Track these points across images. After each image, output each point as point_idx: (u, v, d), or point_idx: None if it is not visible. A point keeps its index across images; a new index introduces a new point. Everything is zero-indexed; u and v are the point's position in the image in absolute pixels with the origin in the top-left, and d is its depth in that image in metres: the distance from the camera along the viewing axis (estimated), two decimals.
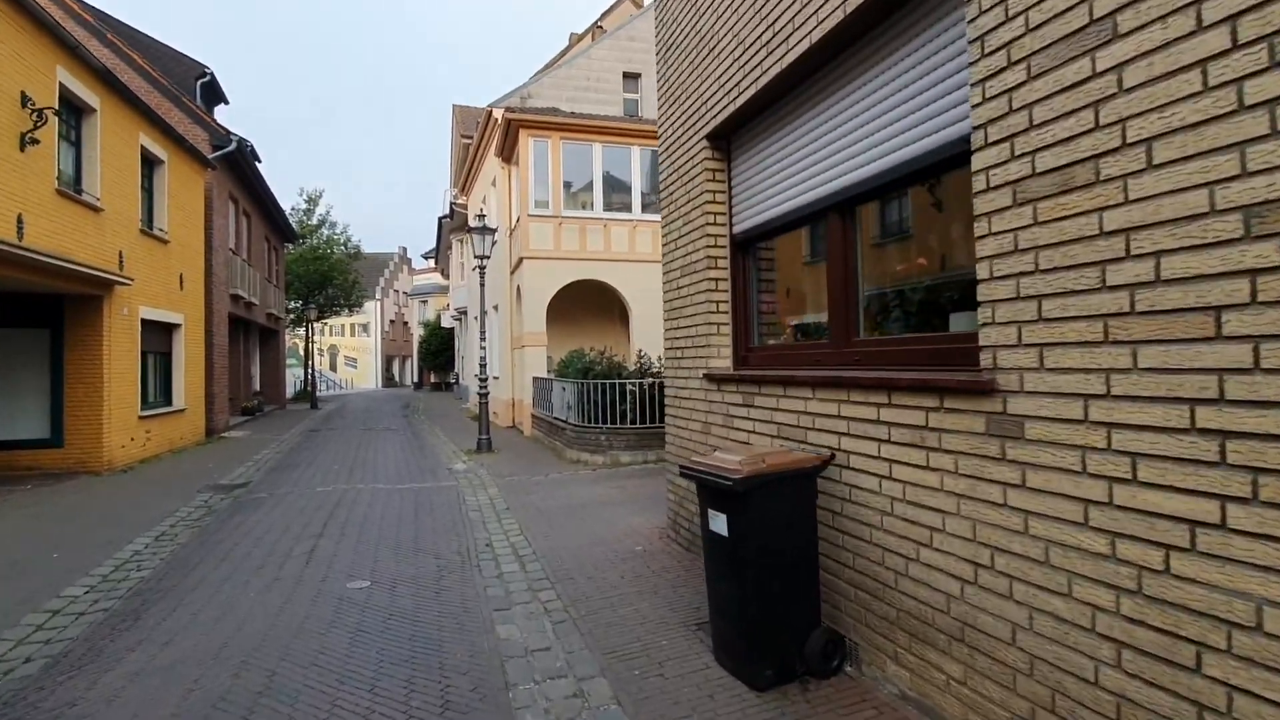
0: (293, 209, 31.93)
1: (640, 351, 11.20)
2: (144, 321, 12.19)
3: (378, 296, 50.87)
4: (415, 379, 44.25)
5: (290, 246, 31.62)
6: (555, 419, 12.40)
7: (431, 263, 42.20)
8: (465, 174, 22.93)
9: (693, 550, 5.52)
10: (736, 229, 5.14)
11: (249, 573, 5.51)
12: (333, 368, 55.96)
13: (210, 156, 15.79)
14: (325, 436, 16.04)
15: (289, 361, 46.77)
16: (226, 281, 17.37)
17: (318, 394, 38.89)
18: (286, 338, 48.06)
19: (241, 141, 17.34)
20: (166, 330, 13.50)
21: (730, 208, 5.21)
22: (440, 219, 28.23)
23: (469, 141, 23.37)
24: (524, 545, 6.16)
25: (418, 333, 44.36)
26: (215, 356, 16.16)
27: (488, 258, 12.81)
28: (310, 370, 28.46)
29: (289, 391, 35.83)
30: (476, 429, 16.56)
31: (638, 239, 15.49)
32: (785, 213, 4.48)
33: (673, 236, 5.87)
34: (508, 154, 16.45)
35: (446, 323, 37.31)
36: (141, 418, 11.96)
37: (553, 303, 15.10)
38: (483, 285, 12.95)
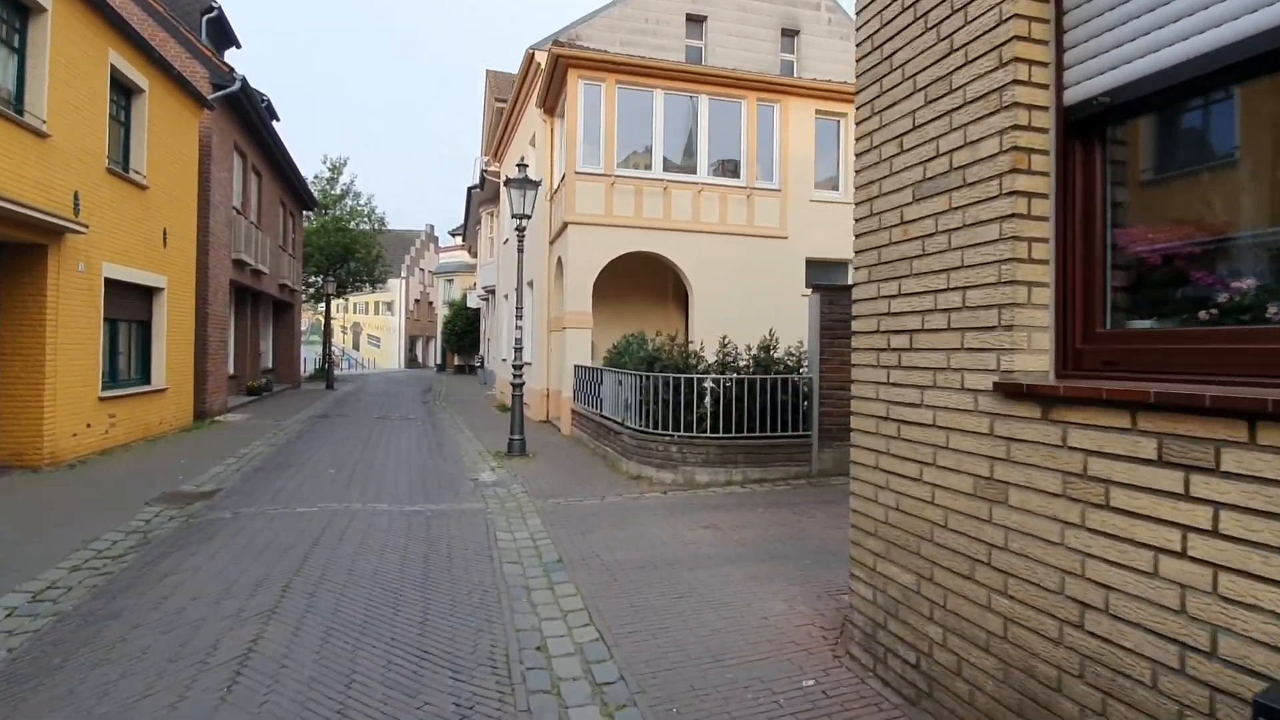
0: (315, 177, 29.82)
1: (724, 339, 8.62)
2: (110, 282, 9.84)
3: (403, 275, 48.74)
4: (438, 361, 42.06)
5: (310, 216, 29.47)
6: (605, 418, 9.87)
7: (459, 240, 39.84)
8: (499, 137, 20.40)
9: (921, 707, 2.94)
10: (1074, 90, 2.51)
11: None
12: (355, 346, 54.05)
13: (210, 96, 13.40)
14: (333, 425, 13.67)
15: (312, 338, 44.94)
16: (228, 244, 15.04)
17: (337, 373, 36.94)
18: (307, 314, 46.16)
19: (250, 86, 14.94)
20: (144, 294, 11.16)
21: (1059, 51, 2.57)
22: (469, 190, 25.79)
23: (503, 105, 20.83)
24: (599, 654, 3.63)
25: (442, 312, 42.12)
26: (210, 328, 13.85)
27: (528, 217, 10.28)
28: (328, 348, 26.27)
29: (307, 370, 33.86)
30: (505, 422, 14.13)
31: (703, 206, 12.85)
32: (1217, 43, 1.86)
33: (899, 123, 3.24)
34: (552, 103, 13.86)
35: (473, 302, 34.95)
36: (103, 399, 9.63)
37: (597, 280, 12.54)
38: (521, 251, 10.42)
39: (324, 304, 27.68)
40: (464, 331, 36.63)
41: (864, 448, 3.43)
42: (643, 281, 14.71)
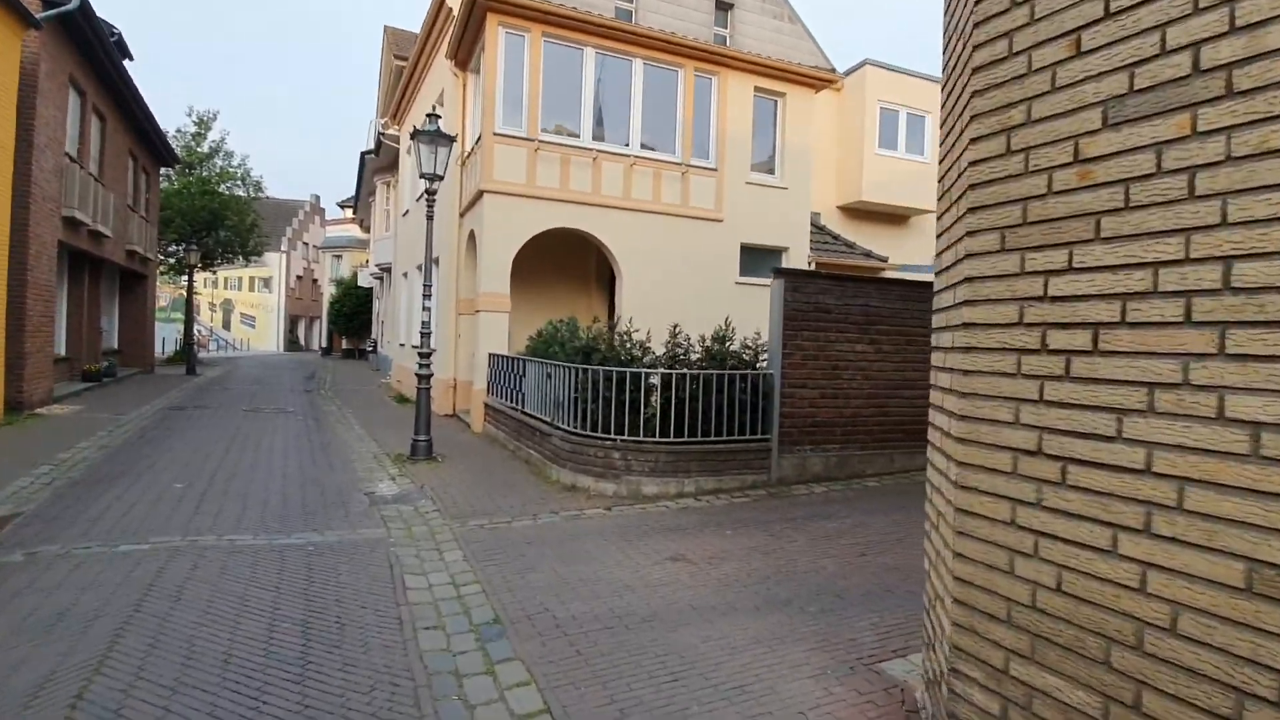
0: (178, 131, 25.96)
1: (676, 328, 7.44)
2: None
3: (283, 249, 44.22)
4: (324, 343, 38.45)
5: (172, 176, 25.67)
6: (530, 416, 8.47)
7: (349, 212, 36.39)
8: (399, 96, 18.19)
9: None
10: None
11: None
12: (226, 325, 48.70)
13: (39, 16, 10.64)
14: (189, 420, 11.38)
15: (173, 316, 39.85)
16: (57, 198, 12.21)
17: (204, 355, 32.80)
18: (167, 288, 40.88)
19: (92, 9, 12.13)
20: None
21: None
22: (363, 155, 23.16)
23: (403, 63, 18.61)
24: None
25: (329, 291, 38.48)
26: (29, 299, 11.12)
27: (439, 179, 8.64)
28: (190, 327, 22.89)
29: (164, 350, 29.73)
30: (404, 417, 12.36)
31: (635, 181, 11.61)
32: None
33: (1076, 10, 2.11)
34: (466, 55, 12.12)
35: (364, 281, 31.97)
36: None
37: (512, 261, 11.03)
38: (431, 218, 8.75)
39: (186, 276, 24.13)
40: (354, 313, 33.51)
41: (984, 491, 2.34)
42: (563, 264, 13.31)
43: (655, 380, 7.00)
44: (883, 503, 6.70)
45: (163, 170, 24.84)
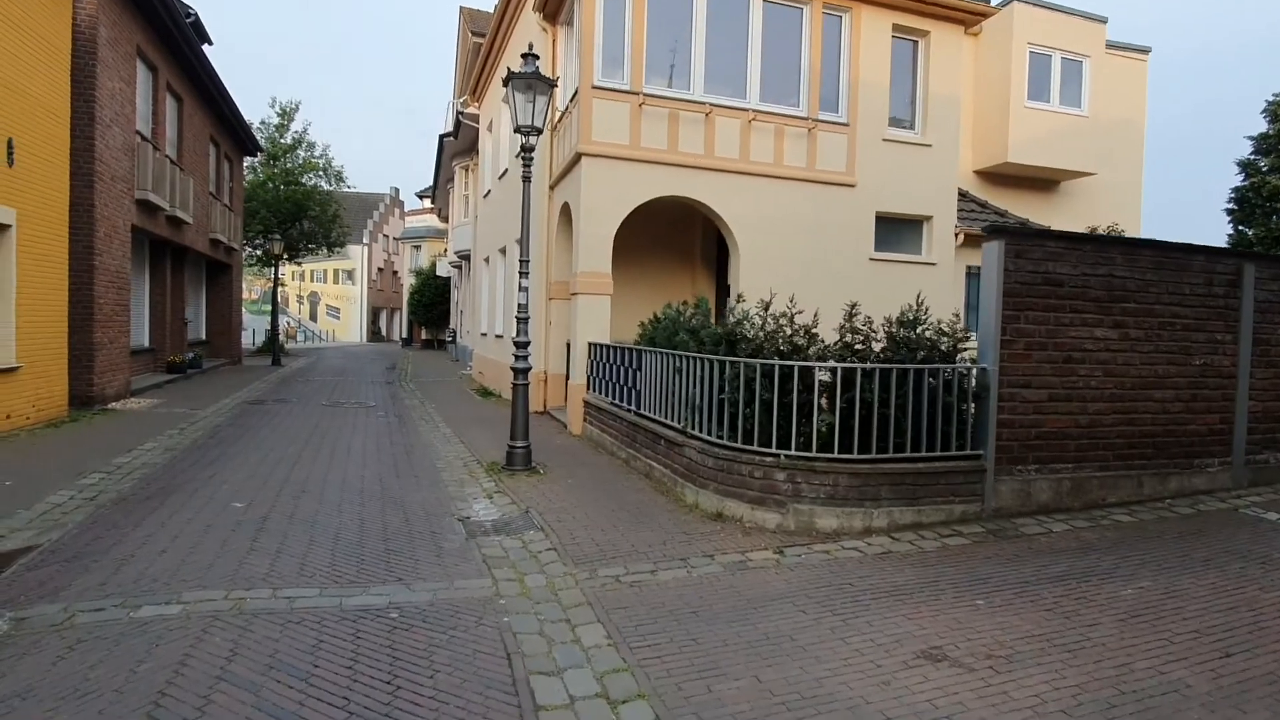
0: (261, 123, 25.59)
1: (853, 307, 5.57)
2: None
3: (365, 241, 44.41)
4: (404, 334, 38.27)
5: (256, 166, 25.42)
6: (649, 420, 6.83)
7: (427, 202, 35.88)
8: (479, 70, 16.87)
9: None
10: None
11: None
12: (313, 317, 49.57)
13: None
14: (266, 416, 10.33)
15: (263, 308, 40.55)
16: (129, 178, 11.40)
17: (291, 347, 32.96)
18: (258, 280, 41.66)
19: None
20: None
21: None
22: (441, 139, 22.10)
23: (480, 39, 17.30)
24: None
25: (408, 282, 38.22)
26: (100, 285, 10.29)
27: (538, 132, 7.06)
28: (274, 317, 22.51)
29: (255, 342, 29.88)
30: (491, 413, 10.99)
31: (753, 140, 9.77)
32: None
33: None
34: (556, 3, 10.53)
35: (443, 271, 31.30)
36: None
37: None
38: (528, 179, 7.18)
39: (272, 268, 23.81)
40: (433, 303, 32.96)
41: None
42: (662, 239, 11.62)
43: (827, 376, 5.20)
44: (1168, 551, 4.71)
45: (246, 162, 24.65)
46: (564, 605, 3.74)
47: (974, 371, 5.38)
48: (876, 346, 5.56)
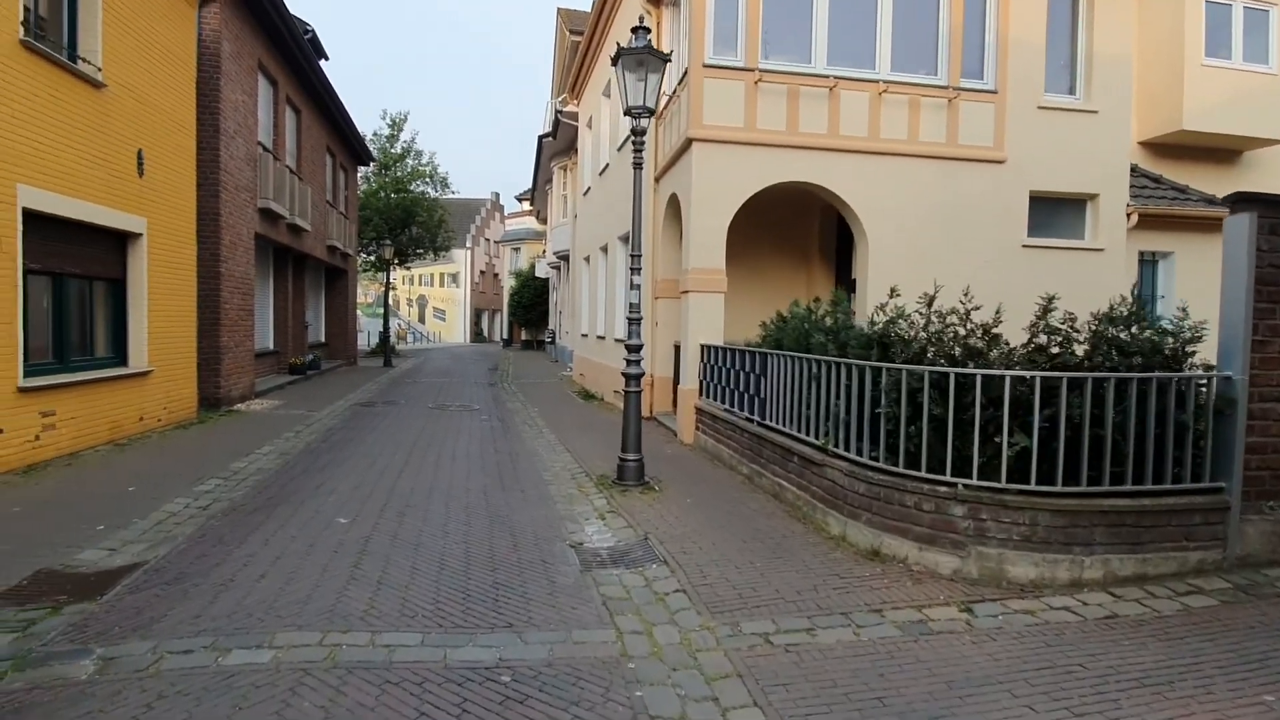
0: (374, 134, 26.62)
1: (1050, 299, 4.50)
2: (39, 218, 6.50)
3: (468, 245, 45.73)
4: (504, 335, 39.03)
5: (369, 175, 26.43)
6: (778, 433, 5.99)
7: (525, 205, 36.35)
8: (579, 65, 16.48)
9: None
10: None
11: None
12: (421, 319, 51.72)
13: None
14: (375, 419, 10.27)
15: (378, 311, 42.59)
16: (252, 188, 11.74)
17: (402, 347, 34.29)
18: (373, 285, 43.69)
19: None
20: (110, 241, 7.84)
21: None
22: (540, 139, 22.03)
23: (579, 38, 16.93)
24: None
25: (508, 284, 38.94)
26: (226, 291, 10.60)
27: (650, 113, 6.37)
28: (388, 321, 23.25)
29: (369, 343, 31.23)
30: (594, 417, 10.46)
31: (884, 115, 8.68)
32: None
33: None
34: None
35: (541, 272, 31.54)
36: (29, 390, 6.35)
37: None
38: (639, 166, 6.51)
39: (384, 272, 24.64)
40: (531, 304, 33.32)
41: None
42: (774, 231, 10.68)
43: (1006, 386, 4.17)
44: None
45: (360, 171, 25.66)
46: (707, 676, 3.00)
47: (1213, 381, 4.19)
48: (1078, 350, 4.46)
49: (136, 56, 7.92)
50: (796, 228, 10.88)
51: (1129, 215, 9.52)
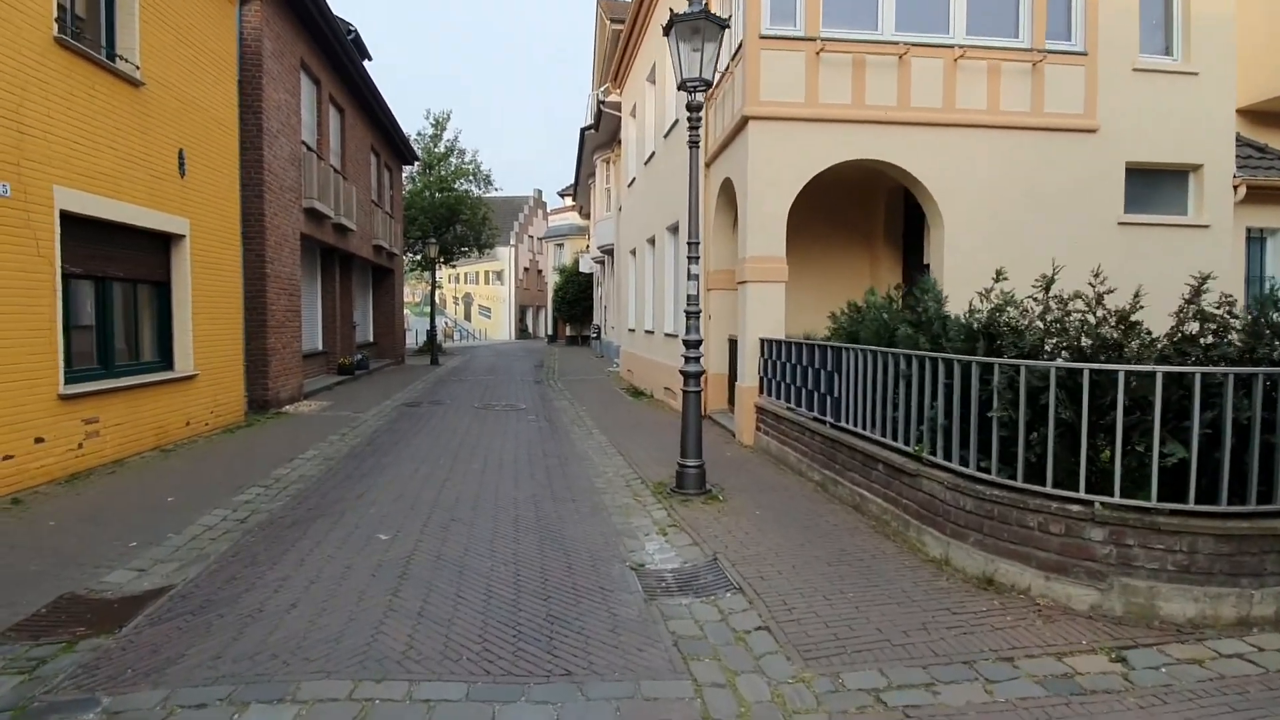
0: (418, 134, 26.61)
1: (1201, 282, 3.75)
2: (77, 220, 6.29)
3: (511, 242, 45.78)
4: (549, 331, 38.91)
5: (414, 175, 26.45)
6: (857, 436, 5.34)
7: (568, 200, 36.08)
8: (621, 52, 15.92)
9: None
10: None
11: None
12: (467, 317, 52.13)
13: None
14: (420, 422, 9.94)
15: (426, 310, 43.00)
16: (296, 188, 11.57)
17: (449, 345, 34.47)
18: (420, 285, 44.16)
19: None
20: (152, 243, 7.64)
21: None
22: (582, 131, 21.57)
23: (619, 26, 16.35)
24: None
25: (552, 280, 38.77)
26: (272, 292, 10.42)
27: (705, 86, 5.76)
28: (433, 318, 23.19)
29: (417, 341, 31.44)
30: (644, 415, 9.91)
31: (960, 83, 7.87)
32: None
33: None
34: None
35: (585, 267, 31.17)
36: (72, 397, 6.15)
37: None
38: (696, 145, 5.91)
39: (430, 271, 24.62)
40: (576, 299, 33.01)
41: None
42: (834, 216, 9.93)
43: (1158, 385, 3.44)
44: None
45: (405, 171, 25.67)
46: None
47: None
48: (1236, 340, 3.69)
49: (176, 55, 7.69)
50: (858, 211, 10.11)
51: (1235, 188, 8.46)
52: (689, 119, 5.86)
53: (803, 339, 6.67)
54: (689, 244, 5.90)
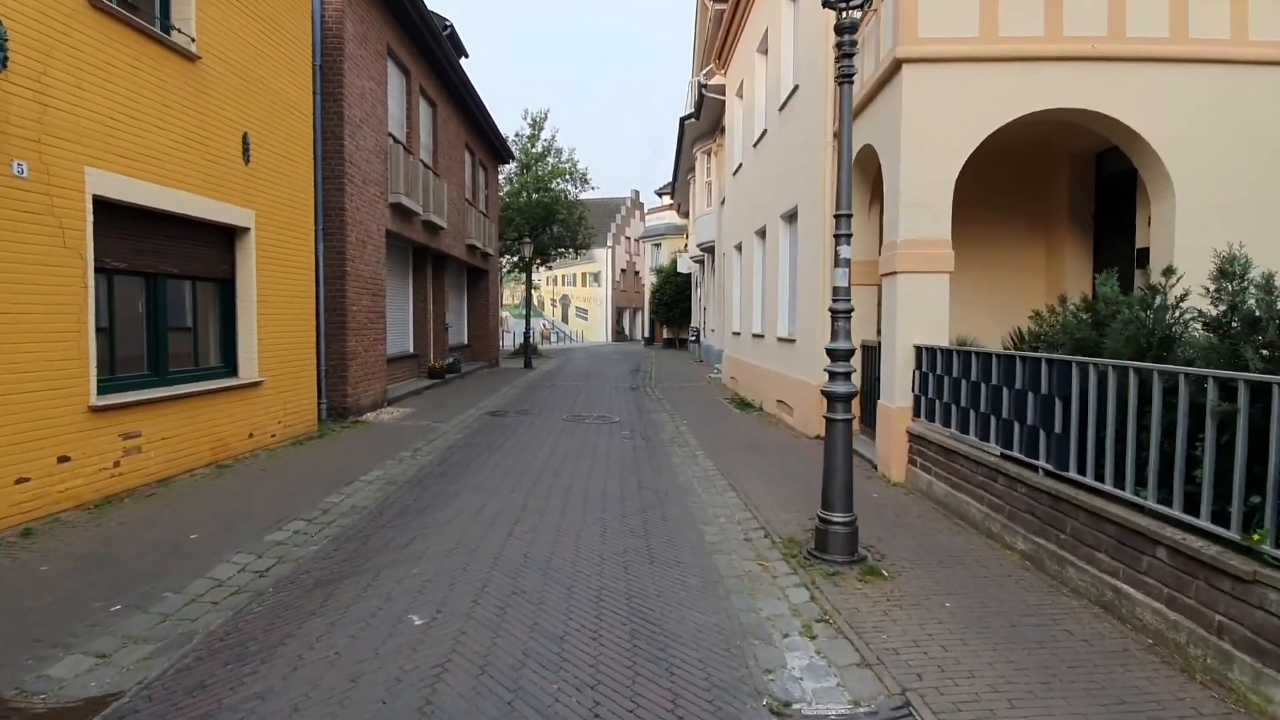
0: (515, 135, 26.08)
1: None
2: (116, 208, 5.50)
3: (609, 244, 45.08)
4: (646, 333, 37.75)
5: (512, 175, 25.96)
6: (1093, 492, 3.51)
7: (666, 199, 34.78)
8: (726, 28, 14.31)
9: None
10: None
11: None
12: (564, 319, 52.02)
13: None
14: (500, 437, 8.79)
15: (524, 311, 43.11)
16: (382, 181, 10.82)
17: (547, 347, 34.05)
18: (521, 287, 44.31)
19: None
20: (212, 236, 6.86)
21: None
22: (682, 121, 20.11)
23: (723, 6, 14.77)
24: None
25: (649, 281, 37.60)
26: (352, 292, 9.65)
27: (859, 5, 4.11)
28: (528, 321, 22.49)
29: (513, 343, 31.13)
30: (752, 430, 8.25)
31: (1193, 5, 5.73)
32: None
33: None
34: None
35: (683, 267, 29.73)
36: (104, 409, 5.33)
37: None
38: (847, 81, 4.25)
39: (526, 272, 24.00)
40: (673, 301, 31.62)
41: None
42: (996, 190, 7.90)
43: None
44: None
45: (502, 173, 25.23)
46: None
47: None
48: None
49: (240, 29, 6.89)
50: (1029, 186, 8.02)
51: None
52: (839, 48, 4.22)
53: (991, 349, 4.85)
54: (837, 217, 4.25)
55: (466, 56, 17.70)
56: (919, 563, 4.13)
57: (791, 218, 9.84)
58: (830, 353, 4.23)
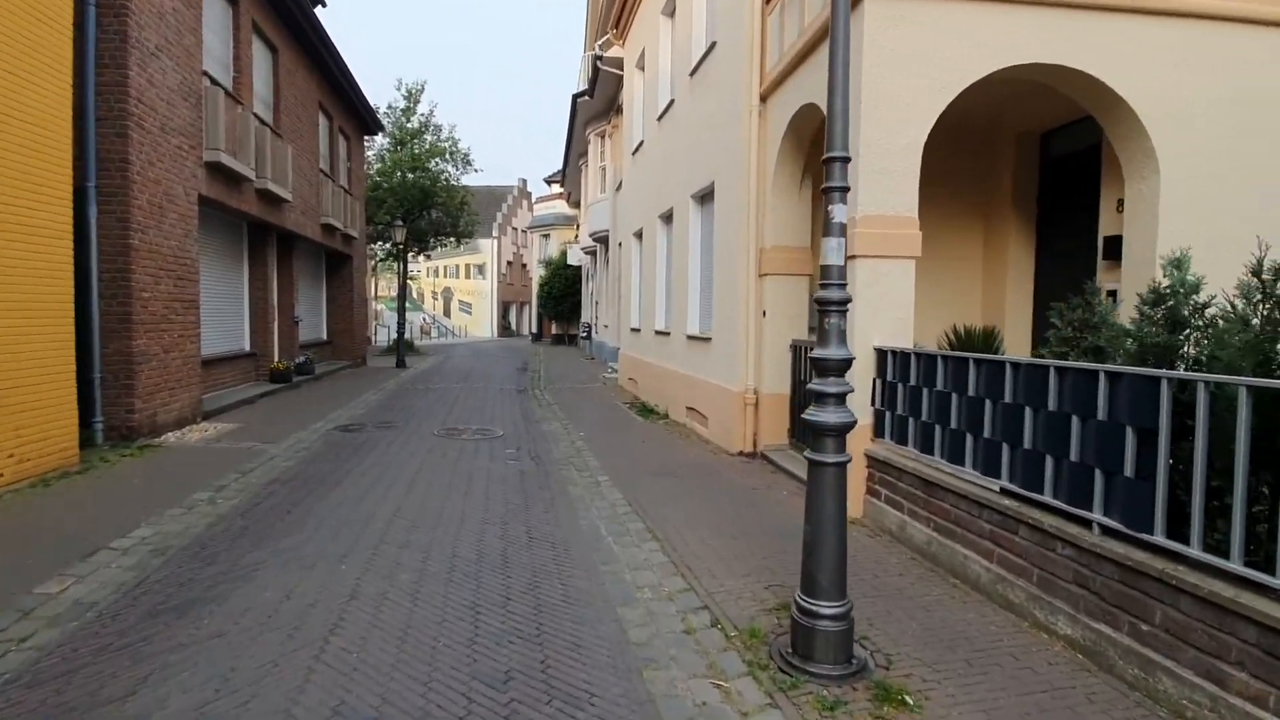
0: (388, 107, 23.23)
1: None
2: None
3: (494, 234, 42.41)
4: (534, 329, 35.70)
5: (384, 152, 23.14)
6: (1179, 561, 2.34)
7: (556, 187, 32.85)
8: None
9: None
10: None
11: None
12: (446, 313, 48.60)
13: None
14: (345, 463, 6.82)
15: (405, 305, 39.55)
16: (192, 132, 8.35)
17: (427, 343, 31.18)
18: (392, 275, 40.64)
19: None
20: None
21: None
22: (574, 100, 18.37)
23: None
24: None
25: (537, 274, 35.55)
26: (143, 274, 7.22)
27: None
28: (403, 315, 19.91)
29: (387, 339, 28.09)
30: (662, 443, 6.74)
31: None
32: None
33: None
34: None
35: (574, 259, 28.09)
36: None
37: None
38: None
39: (400, 260, 21.34)
40: (563, 295, 29.88)
41: None
42: (932, 175, 6.95)
43: None
44: None
45: (373, 149, 22.39)
46: None
47: None
48: None
49: None
50: (969, 166, 7.16)
51: None
52: None
53: (1007, 356, 3.69)
54: (829, 163, 2.86)
55: (324, 5, 15.00)
56: (940, 666, 2.84)
57: (705, 197, 8.53)
58: (818, 364, 2.84)
